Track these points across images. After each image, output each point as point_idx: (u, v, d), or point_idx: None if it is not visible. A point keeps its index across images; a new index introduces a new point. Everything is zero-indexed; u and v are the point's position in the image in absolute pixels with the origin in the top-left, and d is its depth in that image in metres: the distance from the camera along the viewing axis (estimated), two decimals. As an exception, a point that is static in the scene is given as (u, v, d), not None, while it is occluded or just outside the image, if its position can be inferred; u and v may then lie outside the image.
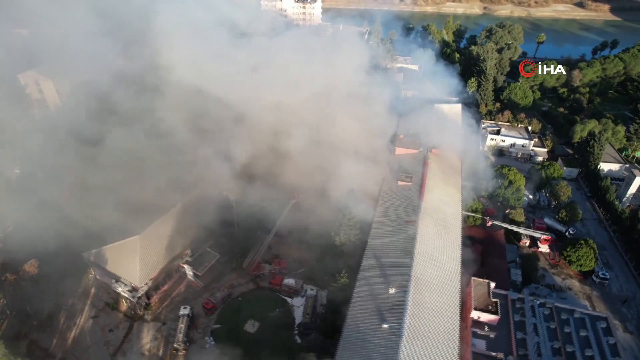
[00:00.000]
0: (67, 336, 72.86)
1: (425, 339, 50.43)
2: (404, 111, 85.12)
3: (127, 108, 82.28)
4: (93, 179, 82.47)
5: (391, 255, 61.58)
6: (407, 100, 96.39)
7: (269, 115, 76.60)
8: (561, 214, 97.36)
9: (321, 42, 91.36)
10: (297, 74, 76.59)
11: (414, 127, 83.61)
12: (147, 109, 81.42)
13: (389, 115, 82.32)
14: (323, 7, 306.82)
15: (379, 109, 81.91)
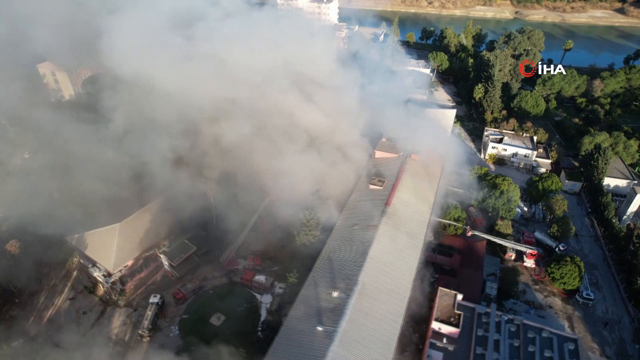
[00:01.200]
0: (43, 315, 76.77)
1: (358, 346, 50.01)
2: (391, 114, 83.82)
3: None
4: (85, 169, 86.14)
5: (344, 258, 61.31)
6: (398, 104, 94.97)
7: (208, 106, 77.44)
8: (552, 228, 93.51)
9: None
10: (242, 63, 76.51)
11: (397, 131, 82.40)
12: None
13: (359, 113, 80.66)
14: (348, 7, 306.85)
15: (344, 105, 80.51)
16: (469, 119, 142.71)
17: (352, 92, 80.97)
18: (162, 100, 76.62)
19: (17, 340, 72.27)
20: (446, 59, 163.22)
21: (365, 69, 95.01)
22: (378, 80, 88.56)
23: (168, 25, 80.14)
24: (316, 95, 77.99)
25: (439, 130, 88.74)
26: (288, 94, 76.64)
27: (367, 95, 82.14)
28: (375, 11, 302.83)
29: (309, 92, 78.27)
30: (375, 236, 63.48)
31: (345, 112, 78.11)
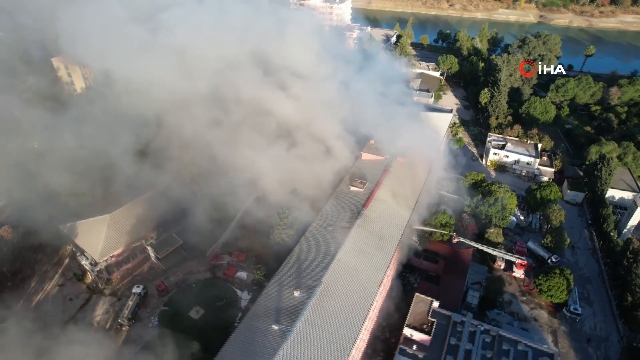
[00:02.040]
0: (32, 299, 79.84)
1: (311, 347, 50.01)
2: (378, 115, 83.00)
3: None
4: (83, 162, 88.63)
5: (313, 258, 61.37)
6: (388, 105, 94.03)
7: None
8: (546, 239, 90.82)
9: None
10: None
11: (383, 133, 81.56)
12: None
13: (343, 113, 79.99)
14: (368, 8, 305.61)
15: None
16: (475, 123, 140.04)
17: (330, 86, 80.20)
18: (132, 93, 78.19)
19: (4, 322, 75.36)
20: (456, 62, 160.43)
21: (360, 68, 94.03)
22: (371, 80, 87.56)
23: (130, 14, 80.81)
24: (297, 91, 77.75)
25: (429, 134, 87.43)
26: (262, 86, 76.85)
27: (353, 94, 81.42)
28: (394, 13, 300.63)
29: (289, 86, 78.01)
30: (346, 238, 63.27)
31: (328, 112, 77.82)
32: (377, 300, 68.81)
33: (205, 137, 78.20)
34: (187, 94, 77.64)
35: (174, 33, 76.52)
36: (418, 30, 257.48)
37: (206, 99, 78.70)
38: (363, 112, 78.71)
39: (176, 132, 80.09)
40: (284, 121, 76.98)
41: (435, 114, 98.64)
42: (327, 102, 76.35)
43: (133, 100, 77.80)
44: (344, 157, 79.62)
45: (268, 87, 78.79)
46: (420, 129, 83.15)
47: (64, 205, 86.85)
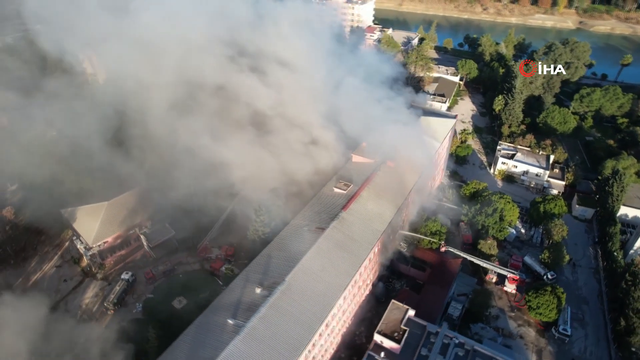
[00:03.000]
0: (30, 278, 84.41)
1: (262, 344, 50.37)
2: (370, 118, 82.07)
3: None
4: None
5: (282, 257, 61.61)
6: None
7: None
8: (544, 254, 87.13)
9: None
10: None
11: (375, 136, 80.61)
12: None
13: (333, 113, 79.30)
14: (399, 9, 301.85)
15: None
16: (488, 131, 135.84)
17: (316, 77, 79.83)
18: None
19: (2, 297, 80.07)
20: (475, 67, 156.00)
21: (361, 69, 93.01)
22: (367, 81, 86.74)
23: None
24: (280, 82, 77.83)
25: (421, 139, 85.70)
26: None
27: (346, 94, 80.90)
28: (425, 16, 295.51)
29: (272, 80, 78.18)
30: (318, 239, 63.15)
31: (318, 112, 77.71)
32: (350, 304, 68.46)
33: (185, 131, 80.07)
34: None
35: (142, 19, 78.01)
36: (445, 33, 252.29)
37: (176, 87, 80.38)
38: (351, 113, 77.99)
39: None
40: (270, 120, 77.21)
41: (435, 118, 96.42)
42: (310, 97, 75.78)
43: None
44: (327, 158, 79.14)
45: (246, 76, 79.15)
46: (412, 134, 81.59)
47: (69, 190, 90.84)
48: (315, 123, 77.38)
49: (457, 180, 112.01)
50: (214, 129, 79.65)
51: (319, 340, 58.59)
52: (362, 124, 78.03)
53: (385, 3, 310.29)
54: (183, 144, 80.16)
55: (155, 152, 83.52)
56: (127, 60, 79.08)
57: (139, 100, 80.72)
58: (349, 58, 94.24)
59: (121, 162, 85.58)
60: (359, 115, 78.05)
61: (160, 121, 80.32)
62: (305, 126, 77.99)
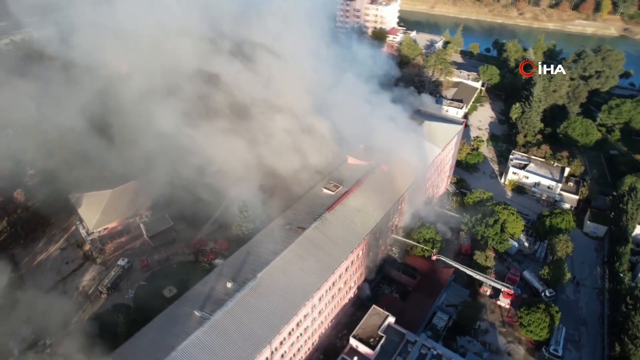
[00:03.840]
0: (36, 258, 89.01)
1: (224, 337, 51.07)
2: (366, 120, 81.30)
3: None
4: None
5: (259, 254, 62.11)
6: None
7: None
8: (544, 270, 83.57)
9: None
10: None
11: (375, 139, 79.78)
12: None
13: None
14: (430, 12, 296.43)
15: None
16: (505, 140, 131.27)
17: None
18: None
19: (10, 274, 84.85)
20: (497, 73, 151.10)
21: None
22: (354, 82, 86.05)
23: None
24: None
25: (421, 144, 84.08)
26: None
27: (342, 97, 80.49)
28: (458, 19, 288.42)
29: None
30: (297, 238, 63.27)
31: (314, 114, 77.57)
32: (328, 306, 68.16)
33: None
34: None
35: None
36: (474, 38, 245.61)
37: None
38: (343, 114, 77.58)
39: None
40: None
41: (439, 124, 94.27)
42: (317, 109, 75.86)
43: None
44: (316, 155, 78.78)
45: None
46: (408, 138, 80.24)
47: (80, 177, 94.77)
48: (301, 124, 77.21)
49: (464, 188, 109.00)
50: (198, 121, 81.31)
51: (288, 338, 58.75)
52: (354, 125, 77.20)
53: (418, 5, 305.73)
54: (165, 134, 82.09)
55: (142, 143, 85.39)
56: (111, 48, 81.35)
57: (130, 89, 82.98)
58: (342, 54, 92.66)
59: (121, 152, 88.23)
60: (351, 116, 77.32)
61: (147, 112, 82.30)
62: (292, 125, 77.95)
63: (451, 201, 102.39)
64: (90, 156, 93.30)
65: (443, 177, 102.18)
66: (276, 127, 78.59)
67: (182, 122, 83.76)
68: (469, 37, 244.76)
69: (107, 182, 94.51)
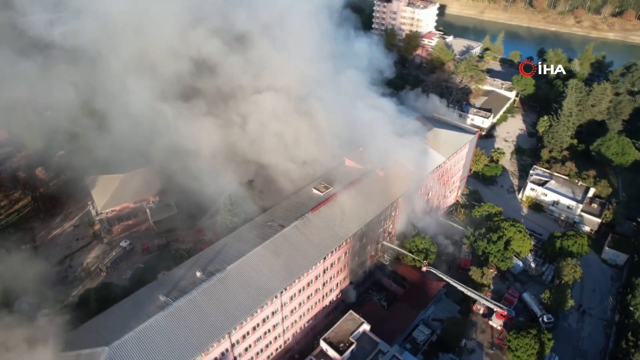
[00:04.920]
0: (51, 233, 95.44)
1: (183, 323, 52.26)
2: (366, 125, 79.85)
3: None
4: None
5: (235, 247, 62.82)
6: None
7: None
8: (545, 294, 78.55)
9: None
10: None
11: (373, 143, 78.30)
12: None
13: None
14: (479, 17, 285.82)
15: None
16: (531, 154, 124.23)
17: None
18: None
19: (26, 245, 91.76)
20: (532, 83, 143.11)
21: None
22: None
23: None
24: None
25: (423, 152, 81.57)
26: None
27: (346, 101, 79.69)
28: (509, 25, 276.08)
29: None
30: (273, 235, 63.51)
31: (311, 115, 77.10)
32: (303, 306, 67.92)
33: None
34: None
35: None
36: (521, 46, 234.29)
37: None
38: (345, 117, 76.77)
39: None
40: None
41: (448, 132, 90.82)
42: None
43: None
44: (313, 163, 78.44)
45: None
46: (408, 144, 78.16)
47: (99, 160, 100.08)
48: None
49: (476, 200, 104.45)
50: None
51: (252, 333, 59.29)
52: (354, 127, 76.28)
53: (466, 10, 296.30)
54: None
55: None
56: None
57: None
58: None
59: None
60: (352, 118, 76.47)
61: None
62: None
63: (458, 213, 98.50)
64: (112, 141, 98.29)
65: (452, 187, 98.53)
66: (272, 127, 78.88)
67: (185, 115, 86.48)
68: (514, 45, 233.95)
69: (126, 167, 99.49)
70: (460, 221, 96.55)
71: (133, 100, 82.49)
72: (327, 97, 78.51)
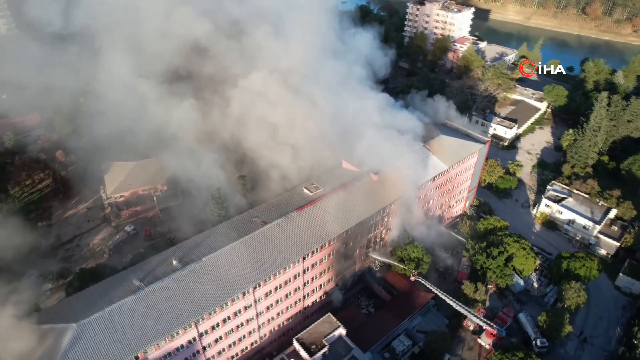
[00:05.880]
0: (66, 213, 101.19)
1: (151, 308, 53.67)
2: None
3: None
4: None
5: (216, 240, 63.62)
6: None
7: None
8: (541, 317, 74.32)
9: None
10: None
11: (365, 145, 76.88)
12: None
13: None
14: (525, 23, 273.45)
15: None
16: (554, 168, 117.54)
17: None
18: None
19: (42, 222, 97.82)
20: (565, 95, 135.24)
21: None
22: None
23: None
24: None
25: (424, 158, 79.16)
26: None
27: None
28: (556, 33, 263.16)
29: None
30: (253, 231, 63.95)
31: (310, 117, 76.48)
32: (281, 304, 68.01)
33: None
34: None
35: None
36: (566, 54, 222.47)
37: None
38: (346, 118, 75.97)
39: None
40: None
41: (454, 139, 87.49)
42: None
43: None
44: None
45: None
46: (407, 149, 76.29)
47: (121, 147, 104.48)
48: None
49: (485, 213, 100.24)
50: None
51: (222, 325, 60.15)
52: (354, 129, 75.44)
53: (511, 16, 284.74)
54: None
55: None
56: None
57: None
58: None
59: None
60: (353, 120, 75.70)
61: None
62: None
63: (463, 225, 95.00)
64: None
65: (458, 197, 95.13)
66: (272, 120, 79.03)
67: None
68: (557, 53, 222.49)
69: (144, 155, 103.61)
70: (464, 233, 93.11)
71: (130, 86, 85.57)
72: (327, 98, 77.77)
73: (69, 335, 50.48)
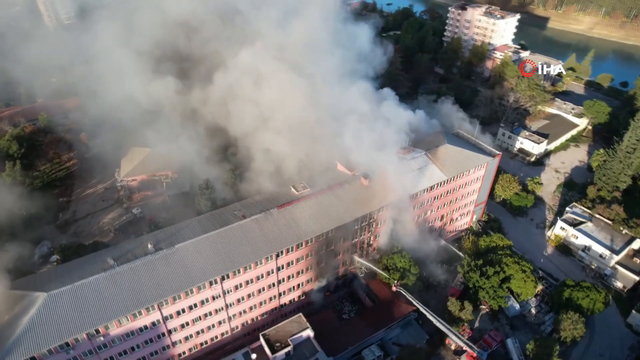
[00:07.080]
0: (85, 191, 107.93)
1: (118, 287, 56.03)
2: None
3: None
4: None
5: (195, 229, 64.99)
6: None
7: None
8: (530, 345, 69.46)
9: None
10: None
11: (360, 150, 75.16)
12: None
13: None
14: (588, 33, 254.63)
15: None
16: (582, 189, 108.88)
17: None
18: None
19: (63, 198, 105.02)
20: (606, 112, 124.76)
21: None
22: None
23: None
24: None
25: (423, 167, 76.24)
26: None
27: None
28: (621, 45, 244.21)
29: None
30: (230, 224, 64.79)
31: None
32: (254, 299, 68.49)
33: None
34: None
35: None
36: (625, 68, 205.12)
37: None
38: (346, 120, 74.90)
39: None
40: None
41: (461, 150, 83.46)
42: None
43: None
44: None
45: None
46: (398, 156, 74.00)
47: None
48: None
49: (494, 229, 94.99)
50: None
51: (188, 312, 61.65)
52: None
53: (572, 25, 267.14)
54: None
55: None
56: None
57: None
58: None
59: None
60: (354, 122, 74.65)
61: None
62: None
63: (466, 240, 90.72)
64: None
65: (463, 211, 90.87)
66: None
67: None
68: (613, 67, 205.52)
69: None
70: (465, 249, 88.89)
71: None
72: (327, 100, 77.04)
73: (38, 303, 53.87)
